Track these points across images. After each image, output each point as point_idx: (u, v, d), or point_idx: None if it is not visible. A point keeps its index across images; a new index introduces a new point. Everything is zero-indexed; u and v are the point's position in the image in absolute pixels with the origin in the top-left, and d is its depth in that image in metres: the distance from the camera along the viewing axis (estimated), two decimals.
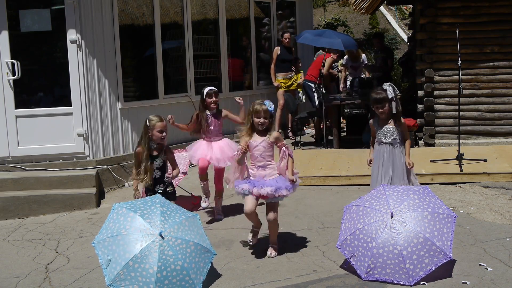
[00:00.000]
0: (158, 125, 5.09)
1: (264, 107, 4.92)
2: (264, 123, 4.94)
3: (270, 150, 5.00)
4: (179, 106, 8.99)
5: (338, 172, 7.51)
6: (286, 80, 10.61)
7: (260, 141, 4.96)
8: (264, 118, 4.92)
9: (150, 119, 5.14)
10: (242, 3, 10.73)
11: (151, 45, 8.72)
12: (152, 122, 5.11)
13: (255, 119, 4.96)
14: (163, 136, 5.14)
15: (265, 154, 4.96)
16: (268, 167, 4.97)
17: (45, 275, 4.89)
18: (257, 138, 4.99)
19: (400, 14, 20.05)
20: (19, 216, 6.78)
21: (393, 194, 4.64)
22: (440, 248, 4.30)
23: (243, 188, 4.95)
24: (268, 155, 4.97)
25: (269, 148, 4.98)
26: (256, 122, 4.95)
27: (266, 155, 4.96)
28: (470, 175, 7.08)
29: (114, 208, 4.51)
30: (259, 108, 4.92)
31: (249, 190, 4.92)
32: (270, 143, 4.97)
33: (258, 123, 4.94)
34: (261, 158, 4.96)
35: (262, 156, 4.96)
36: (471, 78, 9.04)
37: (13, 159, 7.51)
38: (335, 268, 4.72)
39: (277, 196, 4.90)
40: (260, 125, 4.95)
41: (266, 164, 4.97)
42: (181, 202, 5.60)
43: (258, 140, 4.97)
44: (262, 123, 4.94)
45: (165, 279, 4.15)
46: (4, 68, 7.39)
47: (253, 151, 4.98)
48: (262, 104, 4.95)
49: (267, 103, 4.96)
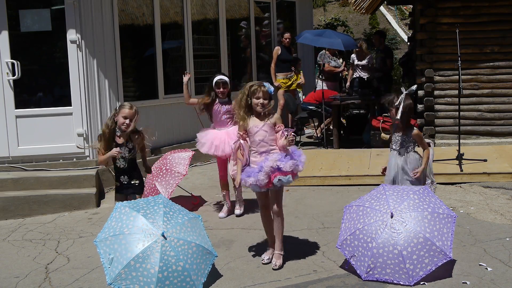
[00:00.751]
0: (123, 111, 4.94)
1: (264, 88, 4.62)
2: (264, 104, 4.63)
3: (273, 133, 4.66)
4: (179, 106, 8.98)
5: (338, 172, 7.51)
6: (286, 80, 10.61)
7: (261, 125, 4.65)
8: (264, 98, 4.63)
9: (121, 104, 5.13)
10: (242, 3, 10.73)
11: (151, 45, 8.72)
12: (121, 107, 5.01)
13: (254, 100, 4.62)
14: (125, 123, 4.94)
15: (268, 138, 4.64)
16: (272, 152, 4.65)
17: (45, 275, 4.89)
18: (257, 122, 4.66)
19: (400, 14, 20.06)
20: (19, 216, 6.78)
21: (393, 194, 4.64)
22: (440, 248, 4.30)
23: (251, 183, 4.59)
24: (271, 139, 4.65)
25: (272, 131, 4.65)
26: (255, 103, 4.63)
27: (269, 139, 4.64)
28: (470, 175, 7.08)
29: (117, 207, 4.51)
30: (259, 89, 4.61)
31: (257, 184, 4.55)
32: (272, 126, 4.65)
33: (258, 104, 4.62)
34: (263, 143, 4.65)
35: (264, 141, 4.64)
36: (471, 78, 9.04)
37: (13, 159, 7.50)
38: (335, 268, 4.72)
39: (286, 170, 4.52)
40: (260, 106, 4.64)
41: (269, 150, 4.65)
42: (181, 202, 5.61)
43: (258, 124, 4.65)
44: (263, 104, 4.62)
45: (166, 280, 4.16)
46: (4, 68, 7.39)
47: (254, 137, 4.66)
48: (261, 84, 4.65)
49: (266, 84, 4.68)
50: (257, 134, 4.66)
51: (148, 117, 8.55)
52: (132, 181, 5.16)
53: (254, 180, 4.57)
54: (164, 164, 6.66)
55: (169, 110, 8.92)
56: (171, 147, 8.56)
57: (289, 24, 11.97)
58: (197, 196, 7.10)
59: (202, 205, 6.86)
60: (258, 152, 4.68)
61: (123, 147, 5.05)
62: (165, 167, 6.60)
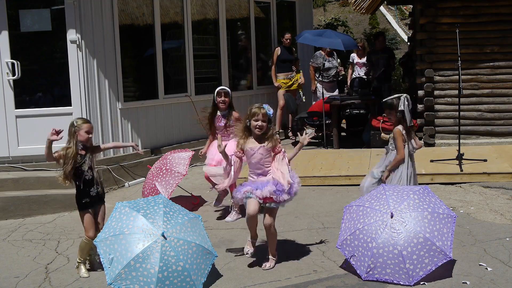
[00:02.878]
0: (85, 126, 4.92)
1: (263, 110, 4.66)
2: (262, 127, 4.67)
3: (269, 156, 4.74)
4: (179, 106, 9.00)
5: (338, 172, 7.51)
6: (287, 80, 10.61)
7: (257, 148, 4.70)
8: (262, 121, 4.66)
9: (76, 121, 4.97)
10: (242, 3, 10.72)
11: (151, 45, 8.72)
12: (77, 124, 4.93)
13: (252, 121, 4.68)
14: (90, 137, 4.98)
15: (264, 161, 4.72)
16: (268, 173, 4.73)
17: (45, 275, 4.89)
18: (253, 144, 4.72)
19: (400, 14, 20.06)
20: (19, 216, 6.78)
21: (393, 194, 4.64)
22: (440, 248, 4.30)
23: (246, 190, 4.69)
24: (267, 161, 4.73)
25: (268, 154, 4.73)
26: (253, 126, 4.69)
27: (264, 161, 4.73)
28: (470, 175, 7.07)
29: (117, 207, 4.51)
30: (258, 111, 4.65)
31: (252, 191, 4.65)
32: (268, 149, 4.72)
33: (256, 127, 4.68)
34: (259, 165, 4.72)
35: (260, 163, 4.72)
36: (471, 78, 9.04)
37: (13, 159, 7.51)
38: (335, 268, 4.72)
39: (278, 200, 4.65)
40: (258, 129, 4.68)
41: (266, 171, 4.73)
42: (181, 202, 5.61)
43: (254, 147, 4.70)
44: (260, 127, 4.66)
45: (166, 280, 4.16)
46: (4, 68, 7.39)
47: (250, 159, 4.72)
48: (260, 107, 4.70)
49: (266, 106, 4.71)
50: (253, 156, 4.73)
51: (148, 117, 8.56)
52: (99, 191, 5.00)
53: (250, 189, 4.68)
54: (164, 164, 6.65)
55: (169, 110, 8.92)
56: (171, 147, 8.56)
57: (289, 24, 11.97)
58: (197, 196, 7.10)
59: (202, 205, 6.86)
60: (255, 174, 4.77)
61: (86, 158, 4.94)
62: (165, 167, 6.59)
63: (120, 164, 7.92)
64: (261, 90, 10.98)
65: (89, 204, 4.93)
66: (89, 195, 4.93)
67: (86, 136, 4.92)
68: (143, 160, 8.12)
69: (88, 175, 4.93)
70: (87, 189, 4.92)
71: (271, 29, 11.40)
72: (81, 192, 4.92)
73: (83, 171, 4.90)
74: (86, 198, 4.91)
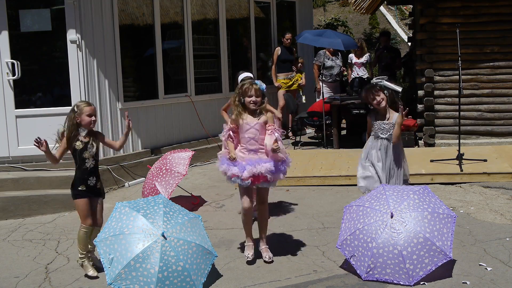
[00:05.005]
0: (87, 109, 4.74)
1: (255, 86, 4.70)
2: (256, 102, 4.71)
3: (264, 133, 4.74)
4: (179, 106, 9.00)
5: (338, 172, 7.51)
6: (287, 80, 10.61)
7: (253, 123, 4.72)
8: (256, 96, 4.70)
9: (77, 104, 4.81)
10: (242, 3, 10.73)
11: (151, 45, 8.73)
12: (80, 107, 4.77)
13: (246, 98, 4.71)
14: (93, 120, 4.79)
15: (259, 137, 4.72)
16: (260, 151, 4.73)
17: (45, 275, 4.89)
18: (249, 119, 4.73)
19: (400, 14, 20.07)
20: (19, 216, 6.78)
21: (393, 194, 4.64)
22: (440, 248, 4.30)
23: (233, 174, 4.67)
24: (261, 138, 4.72)
25: (263, 131, 4.73)
26: (247, 102, 4.71)
27: (259, 138, 4.72)
28: (470, 175, 7.07)
29: (117, 207, 4.51)
30: (250, 87, 4.69)
31: (240, 175, 4.63)
32: (263, 125, 4.73)
33: (250, 102, 4.70)
34: (253, 141, 4.72)
35: (254, 139, 4.72)
36: (471, 78, 9.03)
37: (13, 159, 7.50)
38: (335, 268, 4.72)
39: (274, 178, 4.69)
40: (252, 104, 4.70)
41: (258, 148, 4.72)
42: (181, 202, 5.61)
43: (250, 122, 4.72)
44: (255, 102, 4.70)
45: (166, 280, 4.16)
46: (4, 68, 7.39)
47: (244, 133, 4.73)
48: (252, 82, 4.73)
49: (258, 82, 4.76)
50: (248, 131, 4.74)
51: (148, 117, 8.56)
52: (98, 184, 4.90)
53: (236, 171, 4.65)
54: (164, 164, 6.65)
55: (169, 110, 8.93)
56: (171, 147, 8.56)
57: (289, 24, 11.97)
58: (197, 196, 7.10)
59: (202, 205, 6.86)
60: (247, 149, 4.75)
61: (90, 146, 4.81)
62: (165, 167, 6.59)
63: (120, 164, 7.92)
64: None
65: (85, 192, 4.79)
66: (86, 183, 4.79)
67: (89, 120, 4.74)
68: (143, 160, 8.13)
69: (89, 164, 4.80)
70: (86, 176, 4.80)
71: (271, 29, 11.41)
72: (78, 178, 4.81)
73: (84, 159, 4.78)
74: (82, 185, 4.79)
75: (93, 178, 4.84)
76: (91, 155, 4.82)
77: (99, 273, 4.77)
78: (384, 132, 5.39)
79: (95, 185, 4.86)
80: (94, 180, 4.84)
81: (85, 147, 4.80)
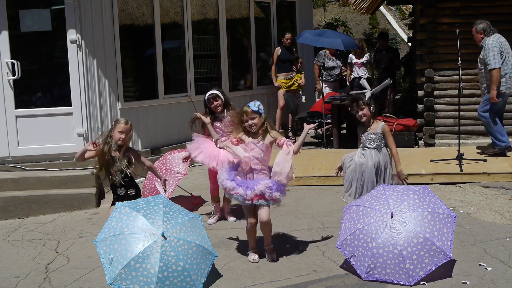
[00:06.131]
0: (120, 126, 5.07)
1: (247, 109, 4.74)
2: (254, 124, 4.76)
3: (268, 154, 4.81)
4: (179, 106, 9.00)
5: None
6: (287, 80, 10.61)
7: (260, 144, 4.78)
8: (252, 119, 4.74)
9: (118, 120, 5.21)
10: (242, 3, 10.73)
11: (151, 45, 8.73)
12: (116, 122, 5.15)
13: (244, 124, 4.80)
14: (121, 138, 5.05)
15: (262, 158, 4.79)
16: (261, 172, 4.80)
17: (45, 275, 4.89)
18: (254, 141, 4.81)
19: (400, 14, 20.06)
20: (19, 216, 6.78)
21: (393, 194, 4.64)
22: (440, 248, 4.30)
23: (238, 193, 4.74)
24: (265, 160, 4.80)
25: (268, 152, 4.80)
26: (246, 126, 4.79)
27: (263, 159, 4.79)
28: (470, 175, 7.08)
29: (117, 207, 4.51)
30: (244, 110, 4.76)
31: (243, 196, 4.72)
32: (268, 145, 4.79)
33: (247, 126, 4.78)
34: (257, 161, 4.79)
35: (259, 159, 4.79)
36: (471, 78, 9.03)
37: (13, 159, 7.50)
38: (335, 268, 4.72)
39: (270, 198, 4.72)
40: (249, 127, 4.78)
41: (261, 169, 4.80)
42: (181, 202, 5.61)
43: (256, 141, 4.79)
44: (251, 125, 4.76)
45: (166, 280, 4.16)
46: (4, 68, 7.39)
47: (249, 152, 4.79)
48: (247, 106, 4.77)
49: (251, 104, 4.77)
50: (253, 150, 4.79)
51: (148, 117, 8.56)
52: (128, 191, 5.19)
53: (243, 192, 4.72)
54: (164, 164, 6.66)
55: (169, 110, 8.93)
56: (171, 147, 8.56)
57: (289, 24, 11.97)
58: (197, 196, 7.10)
59: (202, 205, 6.87)
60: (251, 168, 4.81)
61: (119, 161, 5.08)
62: (165, 167, 6.60)
63: None
64: (261, 90, 10.98)
65: (115, 200, 5.14)
66: (116, 193, 5.20)
67: (118, 136, 5.04)
68: None
69: (117, 178, 5.08)
70: (115, 188, 5.17)
71: (271, 29, 11.41)
72: (112, 189, 5.25)
73: (112, 173, 5.06)
74: (114, 195, 5.24)
75: (121, 189, 5.17)
76: (117, 170, 5.08)
77: (100, 272, 4.77)
78: (371, 143, 5.38)
79: (126, 194, 5.18)
80: (123, 191, 5.17)
81: (114, 162, 5.07)
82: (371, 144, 5.37)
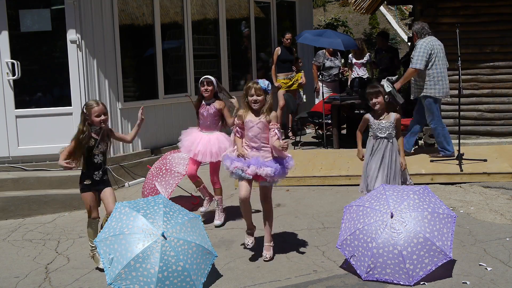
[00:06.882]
0: (94, 110, 4.86)
1: (256, 85, 4.79)
2: (257, 101, 4.80)
3: (266, 132, 4.83)
4: (179, 106, 9.00)
5: (338, 172, 7.50)
6: (287, 80, 10.61)
7: (256, 121, 4.82)
8: (257, 95, 4.78)
9: (88, 105, 4.93)
10: (242, 3, 10.73)
11: (151, 45, 8.73)
12: (89, 108, 4.89)
13: (249, 97, 4.82)
14: (102, 120, 4.90)
15: (261, 135, 4.82)
16: (262, 149, 4.84)
17: (45, 275, 4.89)
18: (253, 118, 4.84)
19: (400, 14, 20.07)
20: (19, 216, 6.78)
21: (393, 194, 4.64)
22: (440, 248, 4.30)
23: (236, 166, 4.79)
24: (263, 137, 4.83)
25: (266, 129, 4.83)
26: (249, 101, 4.82)
27: (261, 136, 4.82)
28: (470, 175, 7.07)
29: (117, 207, 4.51)
30: (251, 86, 4.81)
31: (242, 169, 4.76)
32: (266, 124, 4.83)
33: (252, 101, 4.80)
34: (256, 139, 4.83)
35: (257, 137, 4.82)
36: (471, 78, 9.04)
37: (13, 159, 7.51)
38: (335, 268, 4.72)
39: (275, 180, 4.80)
40: (253, 103, 4.81)
41: (260, 146, 4.83)
42: (181, 202, 5.61)
43: (254, 120, 4.84)
44: (256, 101, 4.79)
45: (166, 280, 4.16)
46: (4, 68, 7.40)
47: (248, 131, 4.85)
48: (255, 82, 4.83)
49: (260, 81, 4.84)
50: (251, 129, 4.84)
51: (148, 117, 8.55)
52: (104, 176, 5.07)
53: (240, 165, 4.76)
54: (164, 164, 6.66)
55: (169, 110, 8.93)
56: (171, 147, 8.55)
57: (289, 24, 11.97)
58: (197, 196, 7.09)
59: (202, 205, 6.85)
60: (250, 146, 4.87)
61: (101, 143, 4.98)
62: (165, 167, 6.60)
63: (120, 164, 7.92)
64: None
65: (90, 186, 4.97)
66: (92, 177, 4.97)
67: (97, 120, 4.88)
68: (143, 160, 8.13)
69: (98, 159, 4.97)
70: (92, 171, 4.97)
71: (271, 29, 11.41)
72: (85, 173, 4.98)
73: (94, 154, 4.94)
74: (88, 180, 4.98)
75: (99, 173, 5.00)
76: (100, 152, 4.98)
77: (100, 272, 4.77)
78: (383, 131, 5.42)
79: (102, 178, 5.01)
80: (100, 175, 5.00)
81: (95, 144, 4.94)
82: (382, 133, 5.41)
